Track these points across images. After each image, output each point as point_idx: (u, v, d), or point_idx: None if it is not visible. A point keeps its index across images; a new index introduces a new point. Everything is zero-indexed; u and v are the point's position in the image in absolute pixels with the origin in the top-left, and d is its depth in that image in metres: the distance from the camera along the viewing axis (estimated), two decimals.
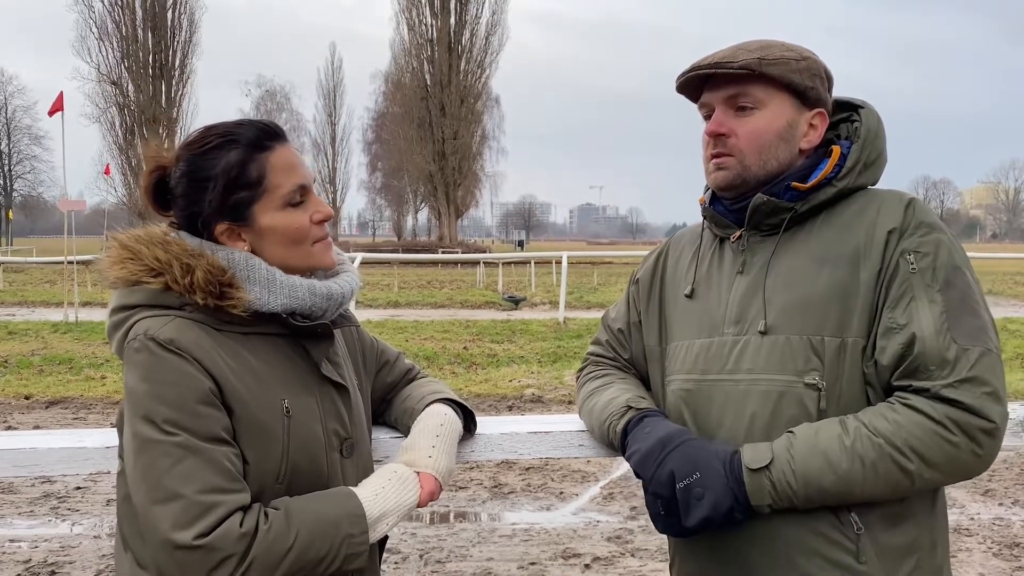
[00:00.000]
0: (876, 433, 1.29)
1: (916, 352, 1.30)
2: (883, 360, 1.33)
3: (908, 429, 1.28)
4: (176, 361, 1.22)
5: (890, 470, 1.28)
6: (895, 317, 1.32)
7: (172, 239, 1.32)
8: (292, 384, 1.33)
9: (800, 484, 1.30)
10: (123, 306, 1.31)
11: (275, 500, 1.26)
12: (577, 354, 11.07)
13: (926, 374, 1.29)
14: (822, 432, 1.32)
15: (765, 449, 1.33)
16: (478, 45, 57.34)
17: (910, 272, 1.34)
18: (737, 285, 1.47)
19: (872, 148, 1.45)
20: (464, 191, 59.77)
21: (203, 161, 1.32)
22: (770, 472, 1.30)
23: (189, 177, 1.33)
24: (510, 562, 4.50)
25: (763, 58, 1.40)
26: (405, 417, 1.55)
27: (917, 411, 1.29)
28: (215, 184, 1.31)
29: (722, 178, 1.46)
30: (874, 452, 1.28)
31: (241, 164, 1.32)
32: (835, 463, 1.29)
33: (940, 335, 1.30)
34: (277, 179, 1.33)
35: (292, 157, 1.37)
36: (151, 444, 1.19)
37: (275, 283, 1.31)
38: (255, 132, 1.34)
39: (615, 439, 1.49)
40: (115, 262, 1.32)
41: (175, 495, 1.16)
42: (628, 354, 1.68)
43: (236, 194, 1.32)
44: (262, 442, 1.27)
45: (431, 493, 1.38)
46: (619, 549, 4.79)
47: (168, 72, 52.50)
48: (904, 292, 1.33)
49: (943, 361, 1.29)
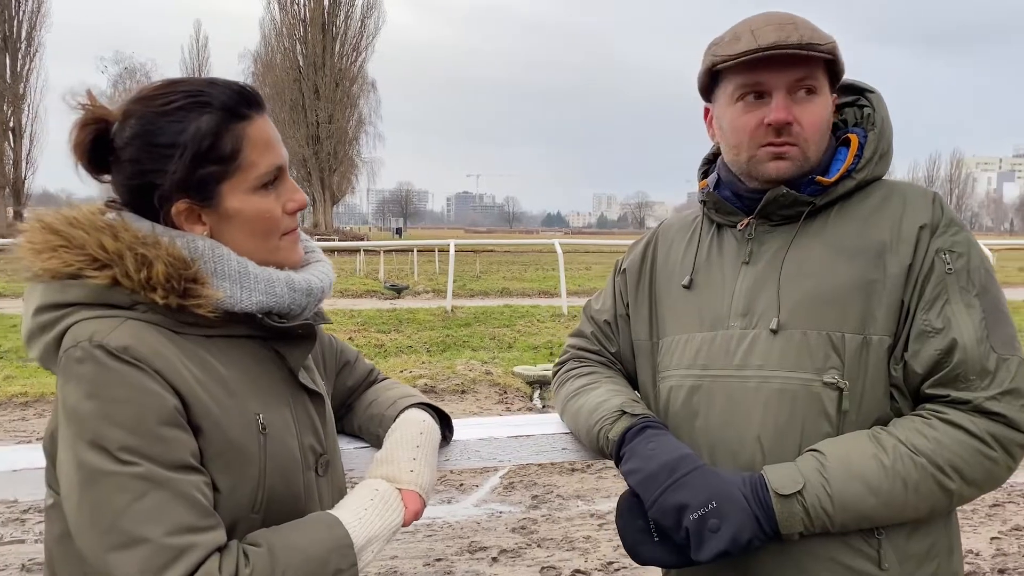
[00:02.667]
0: (917, 452, 1.22)
1: (957, 360, 1.24)
2: (916, 365, 1.27)
3: (949, 447, 1.22)
4: (132, 373, 1.00)
5: (932, 490, 1.23)
6: (930, 320, 1.26)
7: (117, 223, 1.10)
8: (264, 394, 1.14)
9: (838, 509, 1.22)
10: (53, 304, 1.07)
11: (251, 535, 1.07)
12: (467, 342, 10.97)
13: (965, 384, 1.24)
14: (854, 451, 1.24)
15: (793, 472, 1.23)
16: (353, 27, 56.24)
17: (946, 272, 1.28)
18: (743, 275, 1.38)
19: (887, 138, 1.39)
20: (340, 177, 58.48)
21: (166, 123, 1.09)
22: (803, 498, 1.21)
23: (144, 139, 1.10)
24: (415, 559, 4.37)
25: (831, 41, 1.31)
26: (372, 425, 1.38)
27: (957, 427, 1.23)
28: (182, 153, 1.09)
29: (785, 169, 1.34)
30: (916, 473, 1.22)
31: (214, 133, 1.10)
32: (875, 486, 1.22)
33: (981, 343, 1.24)
34: (253, 155, 1.13)
35: (271, 131, 1.16)
36: (103, 476, 0.97)
37: (248, 277, 1.11)
38: (231, 96, 1.13)
39: (606, 446, 1.38)
40: (41, 249, 1.08)
41: (138, 539, 0.96)
42: (615, 347, 1.57)
43: (204, 168, 1.10)
44: (236, 466, 1.07)
45: (416, 512, 1.22)
46: (525, 540, 4.75)
47: (13, 44, 48.58)
48: (939, 293, 1.27)
49: (983, 371, 1.24)
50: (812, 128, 1.33)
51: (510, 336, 11.52)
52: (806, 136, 1.33)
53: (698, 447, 1.35)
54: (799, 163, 1.35)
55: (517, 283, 20.06)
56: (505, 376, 9.02)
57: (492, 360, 9.70)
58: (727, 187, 1.44)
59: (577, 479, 5.76)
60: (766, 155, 1.35)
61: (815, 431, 1.29)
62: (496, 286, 19.55)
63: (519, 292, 17.83)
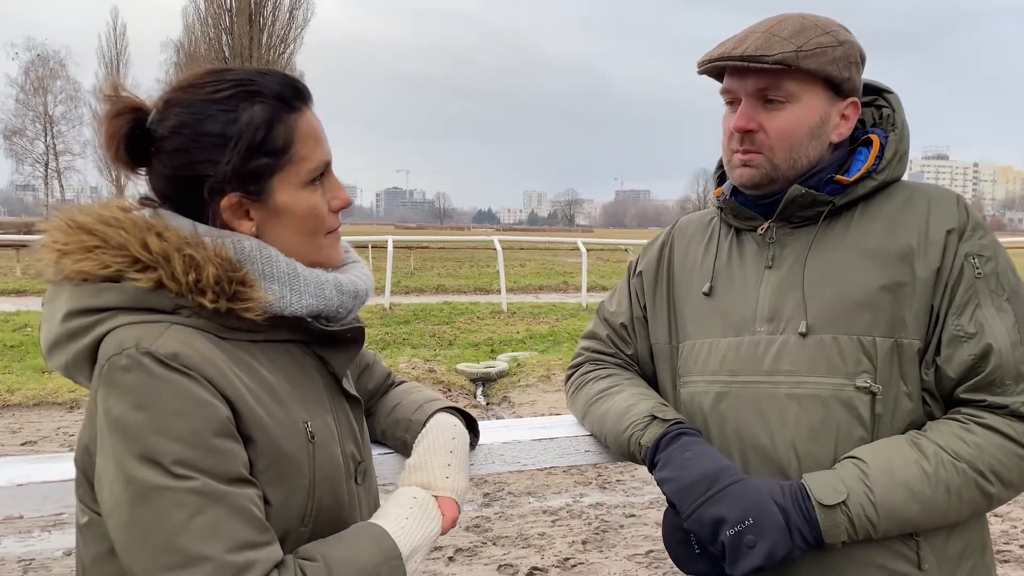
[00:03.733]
0: (958, 458, 1.23)
1: (992, 365, 1.25)
2: (949, 370, 1.27)
3: (990, 452, 1.24)
4: (183, 382, 0.95)
5: (973, 496, 1.24)
6: (962, 325, 1.27)
7: (157, 222, 1.03)
8: (308, 401, 1.10)
9: (883, 518, 1.21)
10: (86, 309, 1.00)
11: (304, 548, 1.02)
12: (407, 340, 10.87)
13: (1001, 389, 1.25)
14: (895, 458, 1.24)
15: (835, 481, 1.22)
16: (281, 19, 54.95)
17: (975, 277, 1.28)
18: (767, 280, 1.38)
19: (906, 139, 1.39)
20: None
21: (217, 111, 1.04)
22: (847, 508, 1.21)
23: (193, 128, 1.04)
24: None
25: (800, 49, 1.28)
26: (398, 430, 1.34)
27: (995, 431, 1.24)
28: (236, 143, 1.03)
29: (748, 176, 1.36)
30: (959, 479, 1.23)
31: (268, 123, 1.05)
32: (918, 493, 1.22)
33: (1016, 348, 1.25)
34: (304, 149, 1.08)
35: (319, 125, 1.11)
36: (157, 492, 0.91)
37: (298, 279, 1.06)
38: (283, 87, 1.08)
39: (638, 452, 1.36)
40: (71, 250, 1.01)
41: (198, 557, 0.90)
42: (631, 350, 1.56)
43: (258, 160, 1.05)
44: (288, 477, 1.03)
45: (453, 520, 1.19)
46: (479, 539, 4.74)
47: None
48: (970, 298, 1.27)
49: (1019, 375, 1.25)
50: (778, 136, 1.33)
51: (450, 333, 11.47)
52: (771, 144, 1.34)
53: (730, 453, 1.35)
54: (764, 171, 1.36)
55: (453, 280, 19.96)
56: (449, 374, 8.96)
57: (434, 358, 9.63)
58: (742, 192, 1.44)
59: (527, 476, 5.76)
60: (736, 161, 1.38)
61: (850, 436, 1.29)
62: (432, 283, 19.42)
63: (455, 289, 17.76)
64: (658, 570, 4.25)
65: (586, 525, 4.90)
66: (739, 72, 1.34)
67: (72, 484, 1.22)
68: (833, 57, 1.31)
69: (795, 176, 1.36)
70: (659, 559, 4.37)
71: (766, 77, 1.31)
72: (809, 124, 1.34)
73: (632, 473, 5.80)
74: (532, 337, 11.06)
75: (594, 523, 4.92)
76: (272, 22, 54.55)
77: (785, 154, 1.34)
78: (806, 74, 1.31)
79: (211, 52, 53.73)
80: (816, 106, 1.34)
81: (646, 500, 5.33)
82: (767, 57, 1.28)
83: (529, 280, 20.15)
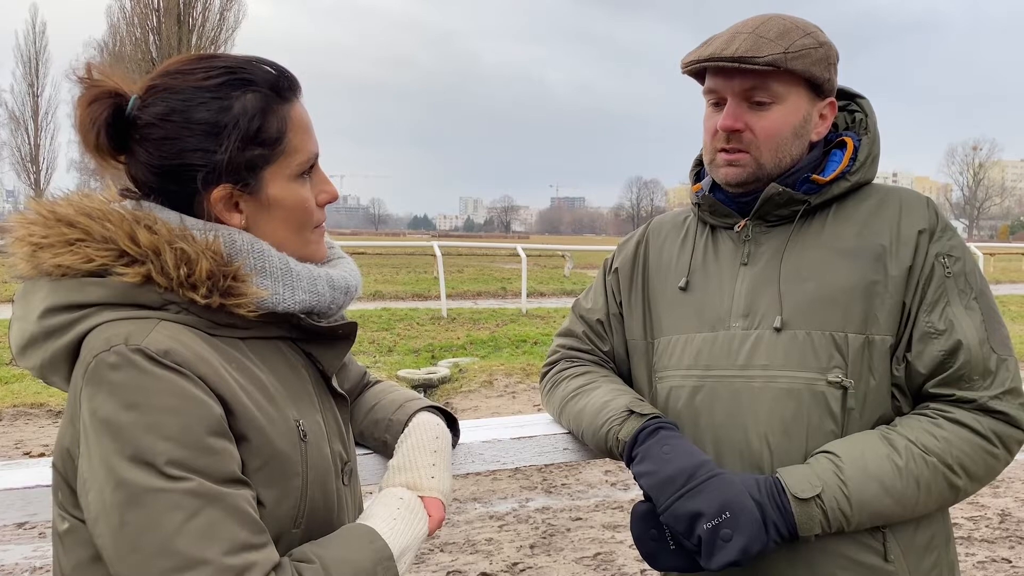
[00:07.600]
0: (928, 452, 1.27)
1: (961, 360, 1.29)
2: (920, 365, 1.31)
3: (958, 446, 1.28)
4: (175, 380, 0.91)
5: (942, 489, 1.28)
6: (933, 321, 1.31)
7: (146, 214, 0.99)
8: (297, 399, 1.07)
9: (856, 511, 1.25)
10: (67, 305, 0.95)
11: (298, 550, 0.99)
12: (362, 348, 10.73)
13: (969, 384, 1.29)
14: (868, 452, 1.27)
15: (809, 475, 1.26)
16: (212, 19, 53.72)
17: (945, 276, 1.32)
18: (743, 276, 1.41)
19: (878, 142, 1.44)
20: None
21: (208, 98, 1.00)
22: (822, 501, 1.24)
23: (183, 116, 0.99)
24: None
25: (788, 50, 1.31)
26: (377, 430, 1.32)
27: (963, 425, 1.29)
28: (230, 132, 0.99)
29: (734, 175, 1.39)
30: (928, 472, 1.27)
31: (262, 113, 1.02)
32: (890, 486, 1.26)
33: (983, 344, 1.30)
34: (295, 140, 1.05)
35: (308, 117, 1.09)
36: (150, 494, 0.87)
37: (291, 275, 1.04)
38: (275, 76, 1.04)
39: (616, 447, 1.37)
40: (50, 243, 0.96)
41: (196, 561, 0.86)
42: (608, 346, 1.57)
43: (251, 150, 1.01)
44: (281, 477, 1.00)
45: (439, 520, 1.17)
46: (427, 545, 4.70)
47: None
48: (940, 296, 1.32)
49: (986, 371, 1.29)
50: (765, 136, 1.36)
51: (390, 340, 11.36)
52: (758, 144, 1.37)
53: (704, 446, 1.37)
54: (751, 170, 1.39)
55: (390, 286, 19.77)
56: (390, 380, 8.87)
57: (374, 364, 9.53)
58: (721, 190, 1.46)
59: (472, 481, 5.75)
60: (721, 160, 1.40)
61: (821, 429, 1.32)
62: (368, 289, 19.19)
63: (392, 295, 17.59)
64: (606, 572, 4.28)
65: (533, 529, 4.90)
66: (725, 72, 1.36)
67: (36, 492, 1.17)
68: (816, 59, 1.35)
69: (779, 174, 1.40)
70: (607, 562, 4.41)
71: (753, 78, 1.34)
72: (793, 124, 1.38)
73: (577, 477, 5.84)
74: (473, 343, 11.05)
75: (541, 527, 4.93)
76: (202, 23, 53.29)
77: (771, 153, 1.38)
78: (791, 75, 1.34)
79: (137, 52, 52.13)
80: (800, 106, 1.38)
81: (592, 503, 5.37)
82: (757, 58, 1.31)
83: (467, 286, 20.11)
